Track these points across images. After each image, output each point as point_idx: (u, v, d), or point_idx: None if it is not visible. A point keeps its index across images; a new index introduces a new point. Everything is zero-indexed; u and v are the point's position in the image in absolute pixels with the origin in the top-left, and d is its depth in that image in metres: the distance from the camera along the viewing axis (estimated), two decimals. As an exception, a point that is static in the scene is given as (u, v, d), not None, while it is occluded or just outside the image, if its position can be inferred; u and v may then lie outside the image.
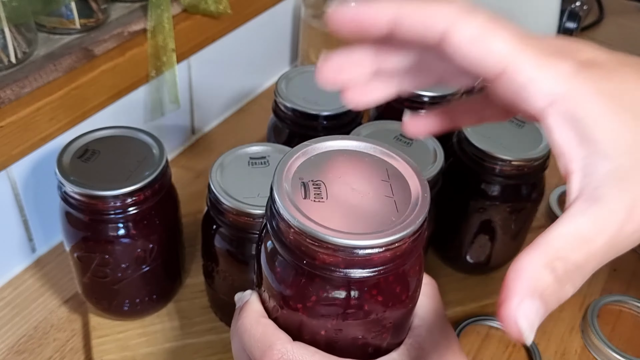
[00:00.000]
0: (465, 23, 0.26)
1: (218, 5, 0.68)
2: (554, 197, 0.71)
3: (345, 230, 0.28)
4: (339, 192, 0.30)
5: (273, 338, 0.32)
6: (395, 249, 0.29)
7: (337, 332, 0.32)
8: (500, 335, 0.58)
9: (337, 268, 0.29)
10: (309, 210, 0.29)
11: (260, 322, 0.33)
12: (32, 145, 0.55)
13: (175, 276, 0.56)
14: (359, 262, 0.29)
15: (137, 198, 0.46)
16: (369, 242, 0.28)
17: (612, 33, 1.02)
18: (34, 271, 0.61)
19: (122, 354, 0.52)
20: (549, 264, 0.24)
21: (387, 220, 0.29)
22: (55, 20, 0.59)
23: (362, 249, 0.28)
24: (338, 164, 0.32)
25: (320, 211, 0.29)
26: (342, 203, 0.30)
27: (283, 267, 0.31)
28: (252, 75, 0.85)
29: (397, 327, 0.33)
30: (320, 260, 0.29)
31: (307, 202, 0.30)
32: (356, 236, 0.28)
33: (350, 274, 0.29)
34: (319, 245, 0.28)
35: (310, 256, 0.29)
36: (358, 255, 0.28)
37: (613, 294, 0.62)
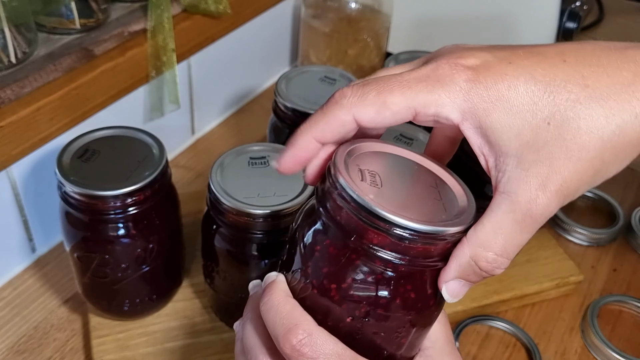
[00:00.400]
0: (362, 106, 0.30)
1: (218, 5, 0.68)
2: (554, 197, 0.71)
3: (399, 212, 0.29)
4: (393, 184, 0.32)
5: (301, 318, 0.32)
6: (439, 243, 0.30)
7: (362, 322, 0.32)
8: (500, 335, 0.58)
9: (382, 249, 0.30)
10: (366, 192, 0.30)
11: (289, 302, 0.33)
12: (32, 145, 0.55)
13: (175, 276, 0.56)
14: (403, 248, 0.30)
15: (137, 198, 0.46)
16: (420, 226, 0.29)
17: (612, 33, 1.02)
18: (34, 271, 0.61)
19: (122, 354, 0.52)
20: (473, 256, 0.30)
21: (437, 217, 0.31)
22: (55, 20, 0.59)
23: (411, 233, 0.29)
24: (391, 164, 0.34)
25: (375, 194, 0.30)
26: (396, 193, 0.31)
27: (324, 246, 0.32)
28: (252, 75, 0.85)
29: (416, 335, 0.34)
30: (368, 238, 0.30)
31: (363, 184, 0.31)
32: (409, 219, 0.29)
33: (391, 258, 0.30)
34: (372, 222, 0.29)
35: (360, 234, 0.30)
36: (405, 239, 0.29)
37: (613, 294, 0.62)
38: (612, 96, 0.28)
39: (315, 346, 0.31)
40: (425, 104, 0.29)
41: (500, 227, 0.29)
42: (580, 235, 0.68)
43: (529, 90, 0.28)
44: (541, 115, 0.28)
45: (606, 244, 0.68)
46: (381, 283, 0.31)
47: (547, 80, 0.29)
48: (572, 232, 0.68)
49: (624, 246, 0.68)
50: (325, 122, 0.31)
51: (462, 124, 0.29)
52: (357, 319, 0.32)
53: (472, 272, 0.30)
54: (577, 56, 0.29)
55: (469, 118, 0.29)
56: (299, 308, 0.33)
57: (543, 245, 0.64)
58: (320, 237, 0.32)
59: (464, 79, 0.29)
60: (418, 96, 0.29)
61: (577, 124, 0.28)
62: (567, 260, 0.62)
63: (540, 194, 0.28)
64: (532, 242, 0.67)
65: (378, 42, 0.80)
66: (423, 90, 0.29)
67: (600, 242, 0.68)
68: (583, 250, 0.67)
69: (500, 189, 0.29)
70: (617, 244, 0.68)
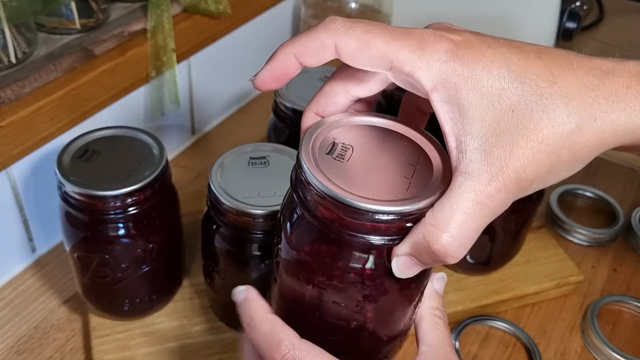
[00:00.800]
0: (347, 36, 0.30)
1: (218, 5, 0.68)
2: (553, 197, 0.71)
3: (347, 189, 0.30)
4: (363, 159, 0.32)
5: (282, 334, 0.34)
6: (385, 221, 0.30)
7: (321, 291, 0.33)
8: (500, 335, 0.58)
9: (332, 223, 0.31)
10: (325, 166, 0.31)
11: (268, 318, 0.35)
12: (32, 145, 0.55)
13: (175, 276, 0.56)
14: (351, 224, 0.30)
15: (137, 198, 0.46)
16: (361, 204, 0.29)
17: (612, 33, 1.02)
18: (34, 271, 0.61)
19: (122, 354, 0.52)
20: (427, 235, 0.30)
21: (391, 195, 0.30)
22: (55, 20, 0.59)
23: (355, 210, 0.29)
24: (373, 137, 0.34)
25: (335, 168, 0.31)
26: (360, 168, 0.31)
27: (293, 214, 0.33)
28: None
29: (383, 312, 0.34)
30: (320, 212, 0.31)
31: (327, 158, 0.31)
32: (352, 196, 0.29)
33: (342, 233, 0.30)
34: (321, 196, 0.30)
35: (313, 206, 0.31)
36: (350, 216, 0.30)
37: (613, 294, 0.62)
38: (576, 97, 0.29)
39: (299, 358, 0.33)
40: (403, 61, 0.30)
41: (459, 207, 0.29)
42: (580, 235, 0.68)
43: (500, 76, 0.29)
44: (508, 102, 0.29)
45: (606, 244, 0.68)
46: (335, 255, 0.32)
47: (519, 71, 0.29)
48: (572, 232, 0.68)
49: (624, 246, 0.68)
50: (308, 41, 0.31)
51: (432, 94, 0.30)
52: (316, 287, 0.33)
53: (425, 252, 0.30)
54: (551, 55, 0.30)
55: (440, 89, 0.29)
56: (279, 323, 0.34)
57: (543, 245, 0.64)
58: (290, 207, 0.34)
59: (444, 49, 0.29)
60: (399, 51, 0.30)
61: (540, 117, 0.29)
62: (567, 260, 0.62)
63: (500, 178, 0.29)
64: (532, 242, 0.68)
65: (378, 42, 0.80)
66: (406, 47, 0.30)
67: (600, 242, 0.68)
68: (583, 250, 0.67)
69: (462, 169, 0.29)
70: (617, 244, 0.68)
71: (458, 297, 0.59)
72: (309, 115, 0.35)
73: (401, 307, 0.35)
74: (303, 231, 0.33)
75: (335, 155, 0.32)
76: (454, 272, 0.61)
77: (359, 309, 0.33)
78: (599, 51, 0.98)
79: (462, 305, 0.58)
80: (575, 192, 0.74)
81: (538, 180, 0.30)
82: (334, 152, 0.32)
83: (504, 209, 0.30)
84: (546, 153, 0.29)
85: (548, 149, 0.29)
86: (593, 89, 0.29)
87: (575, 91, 0.29)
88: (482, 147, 0.29)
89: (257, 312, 0.35)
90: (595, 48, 0.99)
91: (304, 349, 0.33)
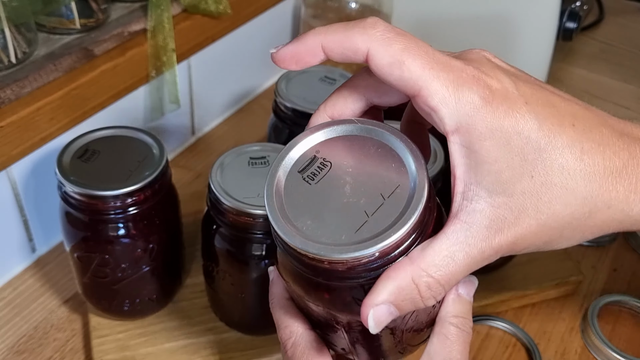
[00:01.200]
0: (383, 48, 0.28)
1: (218, 5, 0.68)
2: (554, 197, 0.71)
3: (290, 221, 0.29)
4: (333, 181, 0.30)
5: (289, 321, 0.35)
6: (327, 264, 0.28)
7: (306, 306, 0.33)
8: (500, 335, 0.58)
9: (289, 254, 0.30)
10: (290, 187, 0.30)
11: (282, 304, 0.36)
12: (32, 145, 0.55)
13: (175, 276, 0.56)
14: (303, 262, 0.29)
15: (137, 198, 0.46)
16: (298, 245, 0.28)
17: (612, 33, 1.02)
18: (34, 271, 0.61)
19: (122, 354, 0.52)
20: (416, 278, 0.28)
21: (335, 234, 0.28)
22: (56, 20, 0.59)
23: (292, 249, 0.29)
24: (362, 154, 0.31)
25: (298, 191, 0.30)
26: (323, 194, 0.30)
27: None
28: (252, 75, 0.85)
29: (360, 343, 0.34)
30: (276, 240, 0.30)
31: (297, 176, 0.30)
32: (289, 234, 0.28)
33: (299, 268, 0.30)
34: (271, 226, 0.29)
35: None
36: (290, 255, 0.29)
37: (613, 294, 0.62)
38: (597, 180, 0.29)
39: (297, 345, 0.35)
40: (432, 93, 0.28)
41: (452, 256, 0.28)
42: (580, 235, 0.68)
43: (528, 140, 0.28)
44: (529, 167, 0.28)
45: (606, 244, 0.68)
46: (306, 283, 0.31)
47: (549, 139, 0.28)
48: (572, 232, 0.68)
49: (624, 246, 0.68)
50: (342, 38, 0.29)
51: (452, 135, 0.28)
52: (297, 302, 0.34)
53: (409, 297, 0.28)
54: (585, 124, 0.29)
55: (462, 133, 0.28)
56: (290, 309, 0.36)
57: (543, 245, 0.64)
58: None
59: (479, 95, 0.28)
60: (433, 81, 0.28)
61: (558, 192, 0.28)
62: (567, 260, 0.62)
63: (497, 237, 0.28)
64: (532, 242, 0.67)
65: (378, 42, 0.80)
66: (440, 79, 0.28)
67: (600, 242, 0.68)
68: (583, 250, 0.67)
69: (462, 217, 0.28)
70: (617, 244, 0.68)
71: (458, 297, 0.59)
72: (322, 116, 0.33)
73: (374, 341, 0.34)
74: (282, 259, 0.32)
75: (307, 174, 0.30)
76: (454, 272, 0.61)
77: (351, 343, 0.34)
78: (599, 51, 0.98)
79: (462, 305, 0.58)
80: (575, 192, 0.74)
81: (532, 247, 0.30)
82: (308, 169, 0.30)
83: (482, 265, 0.29)
84: (550, 227, 0.29)
85: (554, 224, 0.29)
86: (617, 174, 0.29)
87: (598, 173, 0.29)
88: (490, 203, 0.28)
89: (277, 295, 0.37)
90: (595, 48, 0.99)
91: (305, 340, 0.35)
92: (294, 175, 0.30)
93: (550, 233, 0.29)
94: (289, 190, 0.30)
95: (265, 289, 0.38)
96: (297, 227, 0.29)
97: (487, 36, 0.80)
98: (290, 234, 0.28)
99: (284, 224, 0.29)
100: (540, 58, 0.80)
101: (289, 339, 0.35)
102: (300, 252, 0.28)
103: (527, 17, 0.80)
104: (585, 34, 1.02)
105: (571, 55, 0.97)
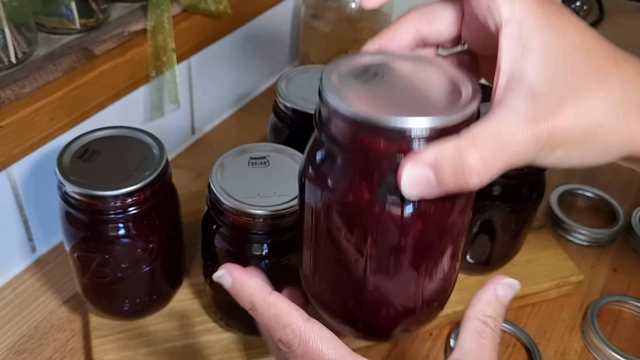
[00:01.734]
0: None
1: (218, 5, 0.68)
2: (554, 197, 0.71)
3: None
4: (391, 81, 0.32)
5: (287, 318, 0.33)
6: (391, 135, 0.28)
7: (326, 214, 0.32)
8: (500, 335, 0.58)
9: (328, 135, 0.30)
10: (347, 88, 0.30)
11: (270, 302, 0.33)
12: (32, 145, 0.55)
13: (175, 276, 0.56)
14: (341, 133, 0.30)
15: (137, 198, 0.46)
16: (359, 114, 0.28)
17: (612, 33, 1.02)
18: (34, 271, 0.61)
19: (122, 354, 0.52)
20: (461, 147, 0.28)
21: (402, 109, 0.29)
22: (56, 20, 0.59)
23: (341, 115, 0.29)
24: (411, 66, 0.33)
25: (357, 90, 0.31)
26: (381, 92, 0.31)
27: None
28: (252, 75, 0.85)
29: (382, 251, 0.31)
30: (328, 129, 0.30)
31: (351, 81, 0.31)
32: (348, 104, 0.29)
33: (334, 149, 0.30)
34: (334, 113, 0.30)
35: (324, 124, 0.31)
36: (336, 122, 0.30)
37: (613, 294, 0.62)
38: (628, 92, 0.31)
39: (306, 342, 0.32)
40: None
41: (499, 134, 0.29)
42: (580, 235, 0.68)
43: (572, 39, 0.30)
44: (571, 62, 0.30)
45: (606, 244, 0.68)
46: (333, 171, 0.31)
47: (589, 43, 0.31)
48: (572, 232, 0.68)
49: (624, 246, 0.68)
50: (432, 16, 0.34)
51: (505, 26, 0.30)
52: (318, 205, 0.32)
53: (452, 165, 0.28)
54: (619, 53, 0.32)
55: (513, 25, 0.30)
56: (283, 305, 0.33)
57: (543, 245, 0.64)
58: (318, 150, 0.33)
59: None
60: None
61: (594, 88, 0.30)
62: (567, 260, 0.62)
63: (539, 125, 0.29)
64: (532, 242, 0.68)
65: (378, 42, 0.80)
66: None
67: (600, 242, 0.68)
68: (583, 250, 0.67)
69: (506, 103, 0.29)
70: (617, 244, 0.68)
71: (458, 297, 0.58)
72: (372, 46, 0.35)
73: (443, 238, 0.32)
74: (339, 168, 0.31)
75: (361, 79, 0.31)
76: (454, 272, 0.61)
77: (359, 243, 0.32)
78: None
79: (462, 305, 0.58)
80: (576, 192, 0.74)
81: (563, 148, 0.30)
82: (361, 76, 0.31)
83: (522, 162, 0.29)
84: (585, 125, 0.30)
85: (586, 122, 0.30)
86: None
87: (630, 83, 0.31)
88: (532, 92, 0.29)
89: (256, 296, 0.34)
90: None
91: (311, 331, 0.32)
92: (349, 78, 0.31)
93: (584, 132, 0.30)
94: (344, 86, 0.30)
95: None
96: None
97: (487, 36, 0.80)
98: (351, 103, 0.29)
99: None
100: (540, 58, 0.80)
101: (293, 339, 0.32)
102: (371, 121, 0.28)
103: (527, 17, 0.80)
104: (585, 34, 1.02)
105: (571, 55, 0.97)
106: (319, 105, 0.31)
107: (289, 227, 0.46)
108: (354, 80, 0.31)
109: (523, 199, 0.54)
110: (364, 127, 0.28)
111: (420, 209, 0.30)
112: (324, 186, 0.31)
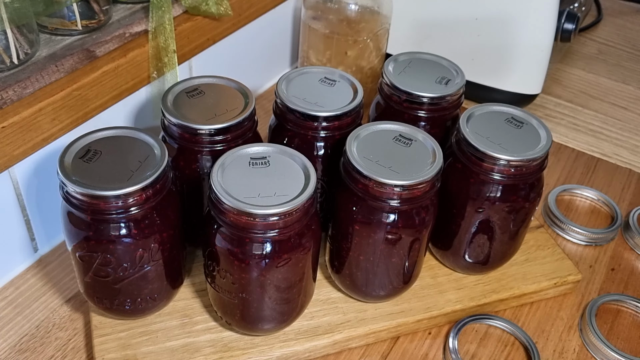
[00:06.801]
0: None
1: (219, 7, 0.68)
2: (552, 196, 0.72)
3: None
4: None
5: None
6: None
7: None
8: (498, 334, 0.58)
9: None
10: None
11: None
12: (34, 145, 0.55)
13: (177, 275, 0.56)
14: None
15: (138, 198, 0.47)
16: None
17: (610, 34, 1.02)
18: (36, 270, 0.62)
19: (123, 353, 0.52)
20: None
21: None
22: (57, 21, 0.60)
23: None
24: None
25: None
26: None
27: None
28: (253, 76, 0.85)
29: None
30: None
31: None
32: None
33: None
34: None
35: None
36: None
37: (611, 293, 0.62)
38: None
39: None
40: None
41: None
42: (578, 235, 0.68)
43: None
44: None
45: (604, 243, 0.68)
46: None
47: None
48: (570, 231, 0.68)
49: (622, 245, 0.68)
50: None
51: None
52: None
53: None
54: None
55: None
56: None
57: (541, 245, 0.64)
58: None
59: None
60: None
61: None
62: (565, 259, 0.63)
63: None
64: (530, 241, 0.68)
65: (378, 43, 0.80)
66: None
67: (598, 241, 0.68)
68: (581, 249, 0.68)
69: None
70: (615, 244, 0.69)
71: (457, 296, 0.59)
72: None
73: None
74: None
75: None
76: (452, 272, 0.61)
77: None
78: (597, 52, 0.98)
79: (460, 304, 0.58)
80: (574, 191, 0.74)
81: None
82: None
83: None
84: None
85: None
86: None
87: None
88: None
89: None
90: (594, 49, 0.99)
91: None
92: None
93: None
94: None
95: (265, 288, 0.38)
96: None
97: (486, 37, 0.80)
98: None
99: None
100: (539, 59, 0.80)
101: None
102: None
103: (526, 18, 0.80)
104: (584, 35, 1.02)
105: (569, 56, 0.98)
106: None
107: (289, 226, 0.47)
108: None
109: (521, 198, 0.55)
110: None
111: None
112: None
